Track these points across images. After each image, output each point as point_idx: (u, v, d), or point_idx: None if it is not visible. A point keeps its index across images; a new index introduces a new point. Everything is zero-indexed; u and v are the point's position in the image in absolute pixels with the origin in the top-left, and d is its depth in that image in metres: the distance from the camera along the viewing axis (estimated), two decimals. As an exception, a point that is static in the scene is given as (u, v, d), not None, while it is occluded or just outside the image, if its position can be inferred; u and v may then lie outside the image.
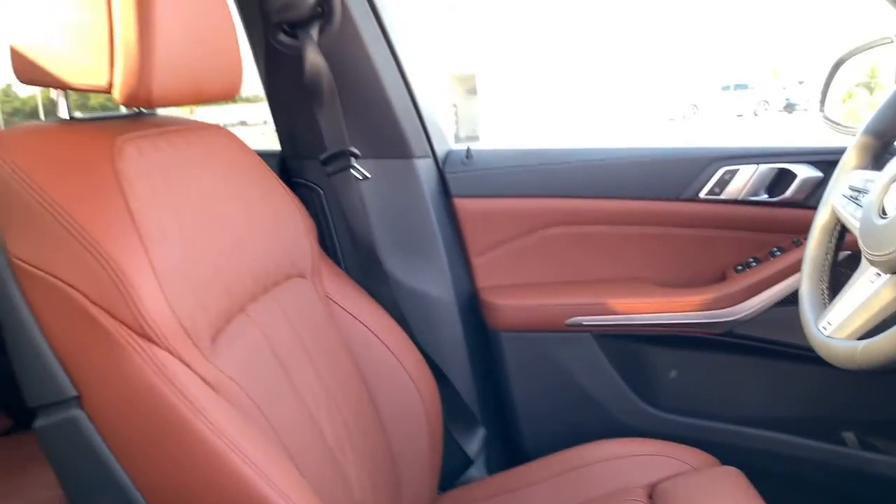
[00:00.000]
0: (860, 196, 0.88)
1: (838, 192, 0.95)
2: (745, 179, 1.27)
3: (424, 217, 1.33)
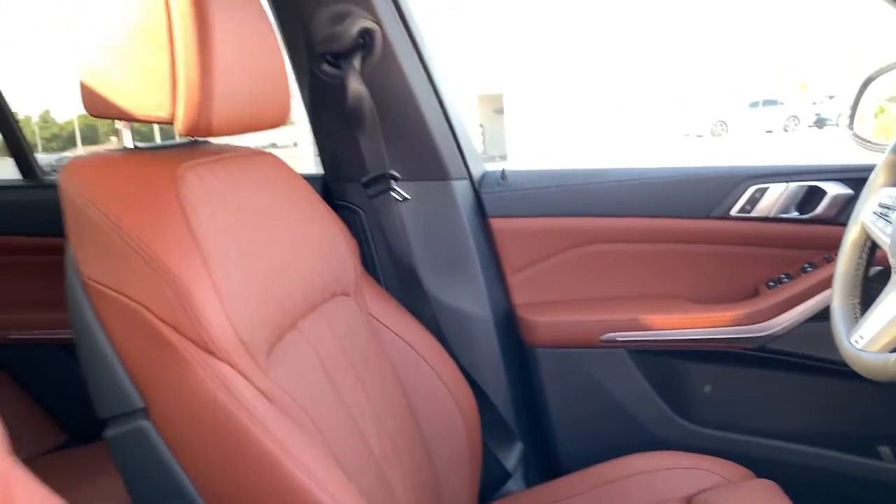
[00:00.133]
0: (890, 213, 0.90)
1: (868, 208, 0.97)
2: (776, 197, 1.29)
3: (462, 236, 1.37)
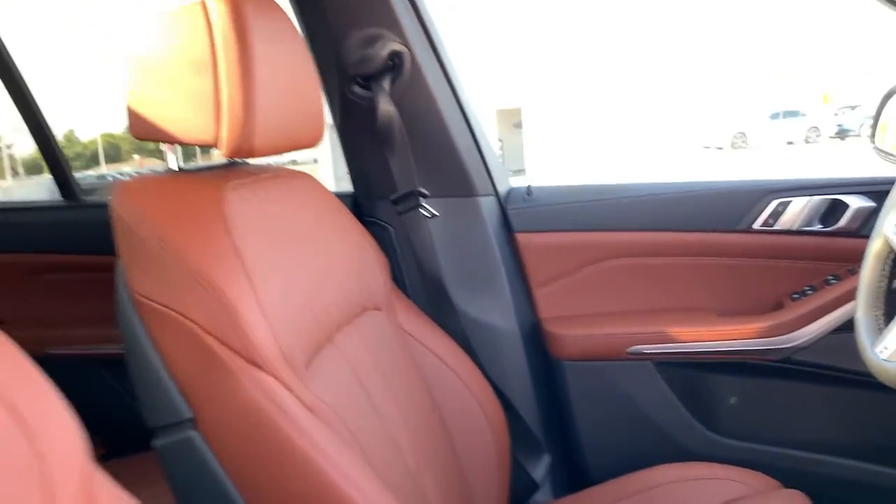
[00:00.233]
0: None
1: (891, 221, 0.98)
2: (799, 211, 1.31)
3: (489, 251, 1.40)
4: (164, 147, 0.98)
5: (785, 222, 1.32)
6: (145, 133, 0.93)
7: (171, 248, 0.82)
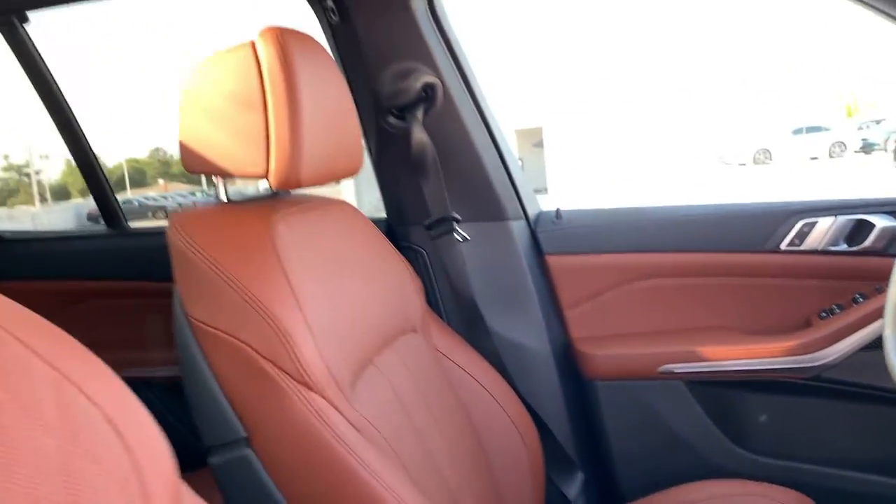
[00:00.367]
0: None
1: None
2: (824, 231, 1.33)
3: (520, 274, 1.44)
4: (214, 179, 1.03)
5: (811, 242, 1.34)
6: (197, 166, 0.98)
7: (225, 275, 0.87)
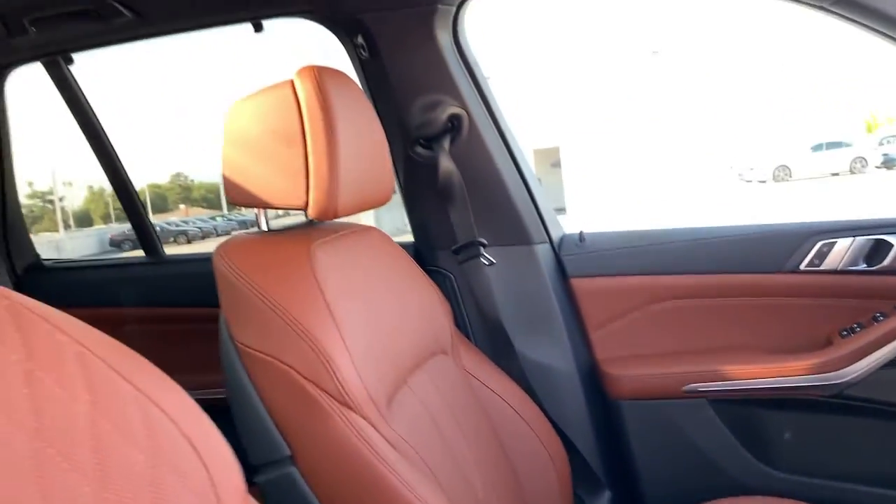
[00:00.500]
0: None
1: None
2: (843, 251, 1.35)
3: (545, 296, 1.48)
4: (255, 211, 1.09)
5: (830, 262, 1.36)
6: (240, 199, 1.04)
7: (269, 301, 0.92)
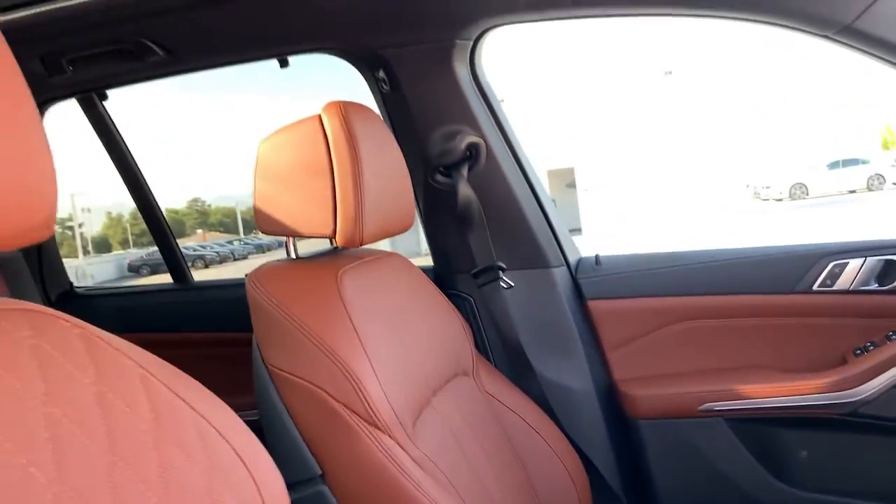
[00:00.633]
0: None
1: None
2: (855, 271, 1.38)
3: (563, 319, 1.51)
4: (284, 239, 1.14)
5: (843, 283, 1.39)
6: (271, 228, 1.09)
7: (299, 325, 0.97)
